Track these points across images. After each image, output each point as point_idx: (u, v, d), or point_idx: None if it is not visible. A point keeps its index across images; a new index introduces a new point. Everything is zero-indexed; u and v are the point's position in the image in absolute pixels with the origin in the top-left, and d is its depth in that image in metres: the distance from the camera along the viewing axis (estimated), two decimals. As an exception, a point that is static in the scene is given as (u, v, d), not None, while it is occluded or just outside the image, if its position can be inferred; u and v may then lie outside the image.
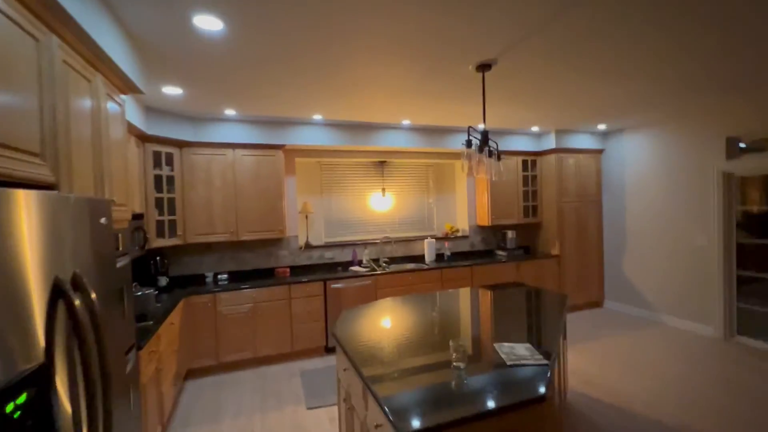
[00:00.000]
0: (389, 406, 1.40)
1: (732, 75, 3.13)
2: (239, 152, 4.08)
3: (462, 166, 2.49)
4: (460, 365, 1.76)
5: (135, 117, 3.02)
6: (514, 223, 5.44)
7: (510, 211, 5.36)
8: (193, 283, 4.07)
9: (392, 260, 5.06)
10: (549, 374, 1.62)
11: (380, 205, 5.22)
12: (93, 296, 1.10)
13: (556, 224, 5.29)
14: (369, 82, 3.02)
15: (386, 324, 2.43)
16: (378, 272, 4.40)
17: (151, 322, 2.59)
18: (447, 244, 5.25)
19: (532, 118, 4.49)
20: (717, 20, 2.14)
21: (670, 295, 4.76)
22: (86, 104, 1.68)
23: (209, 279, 4.14)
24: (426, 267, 4.67)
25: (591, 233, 5.53)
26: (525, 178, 5.49)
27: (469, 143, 2.46)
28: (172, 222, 3.79)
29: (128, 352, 1.92)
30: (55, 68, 1.41)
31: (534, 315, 2.57)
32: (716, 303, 4.26)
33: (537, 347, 1.94)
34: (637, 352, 3.97)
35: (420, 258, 5.16)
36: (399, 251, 5.14)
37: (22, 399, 0.81)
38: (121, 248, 2.05)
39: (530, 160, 5.51)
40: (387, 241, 5.06)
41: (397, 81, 3.01)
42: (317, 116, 4.05)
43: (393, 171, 5.30)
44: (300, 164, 4.81)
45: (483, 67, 2.63)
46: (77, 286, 1.08)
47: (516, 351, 1.90)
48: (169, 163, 3.78)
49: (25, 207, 0.95)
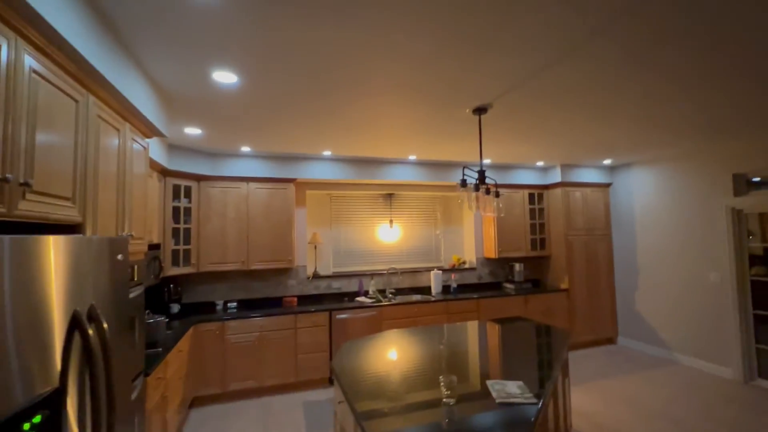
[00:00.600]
0: (374, 441, 1.45)
1: (734, 119, 3.19)
2: (253, 185, 4.31)
3: (458, 203, 2.60)
4: (450, 402, 1.80)
5: (158, 154, 3.28)
6: (522, 256, 5.44)
7: (517, 244, 5.38)
8: (204, 311, 4.21)
9: (399, 291, 5.10)
10: (536, 414, 1.64)
11: (388, 237, 5.33)
12: (105, 326, 1.23)
13: (565, 257, 5.27)
14: (375, 122, 3.22)
15: (385, 358, 2.48)
16: (384, 303, 4.44)
17: (160, 349, 2.71)
18: (454, 276, 5.28)
19: (536, 154, 4.60)
20: (721, 70, 2.25)
21: (685, 334, 4.61)
22: (114, 149, 1.90)
23: (219, 307, 4.27)
24: (432, 299, 4.69)
25: (601, 267, 5.47)
26: (532, 211, 5.53)
27: (464, 183, 2.58)
28: (187, 251, 3.99)
29: (136, 379, 2.03)
30: (90, 122, 1.63)
31: (534, 351, 2.57)
32: (733, 343, 4.11)
33: (532, 384, 1.96)
34: (650, 393, 3.83)
35: (426, 289, 5.18)
36: (405, 282, 5.19)
37: (38, 419, 0.93)
38: (136, 278, 2.21)
39: (537, 194, 5.57)
40: (393, 272, 5.13)
41: (402, 121, 3.20)
42: (327, 152, 4.28)
43: (401, 203, 5.45)
44: (310, 196, 5.01)
45: (479, 111, 2.79)
46: (92, 317, 1.21)
47: (507, 388, 1.92)
48: (187, 196, 4.02)
49: (54, 249, 1.11)
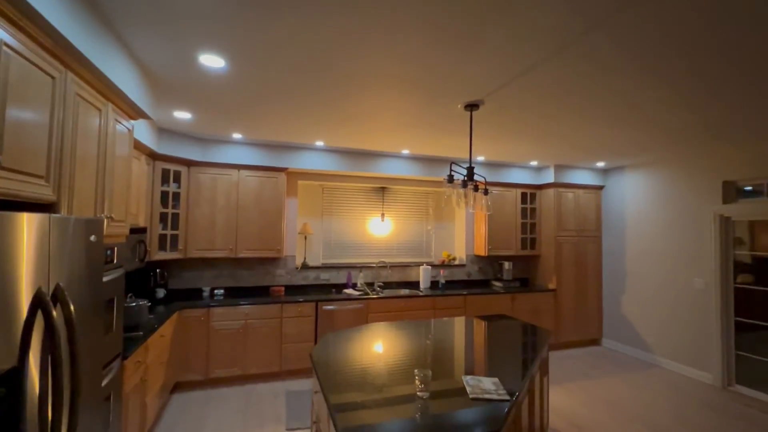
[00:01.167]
0: None
1: (727, 124, 3.19)
2: (244, 173, 4.28)
3: (445, 199, 2.59)
4: (423, 396, 1.80)
5: (147, 137, 3.24)
6: (512, 255, 5.46)
7: (508, 243, 5.39)
8: (191, 297, 4.19)
9: (387, 285, 5.10)
10: (507, 410, 1.65)
11: (379, 230, 5.32)
12: (71, 307, 1.22)
13: (554, 258, 5.29)
14: (369, 115, 3.19)
15: (366, 350, 2.49)
16: (371, 296, 4.45)
17: (141, 333, 2.70)
18: (443, 272, 5.29)
19: (529, 153, 4.59)
20: (714, 77, 2.24)
21: (670, 338, 4.66)
22: (94, 129, 1.87)
23: (206, 293, 4.26)
24: (420, 294, 4.70)
25: (590, 269, 5.50)
26: (524, 211, 5.54)
27: (451, 178, 2.57)
28: (174, 236, 3.96)
29: (112, 362, 2.02)
30: (68, 100, 1.60)
31: (511, 349, 2.59)
32: (714, 349, 4.16)
33: (509, 381, 1.97)
34: (630, 396, 3.87)
35: (415, 284, 5.19)
36: (394, 276, 5.19)
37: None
38: (116, 261, 2.19)
39: (529, 193, 5.58)
40: (383, 266, 5.13)
41: (395, 115, 3.18)
42: (319, 142, 4.24)
43: (393, 197, 5.43)
44: (302, 187, 4.98)
45: (471, 107, 2.77)
46: (58, 298, 1.20)
47: (482, 385, 1.93)
48: (177, 180, 3.98)
49: (27, 228, 1.09)
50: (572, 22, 1.73)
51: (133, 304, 2.77)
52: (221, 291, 4.29)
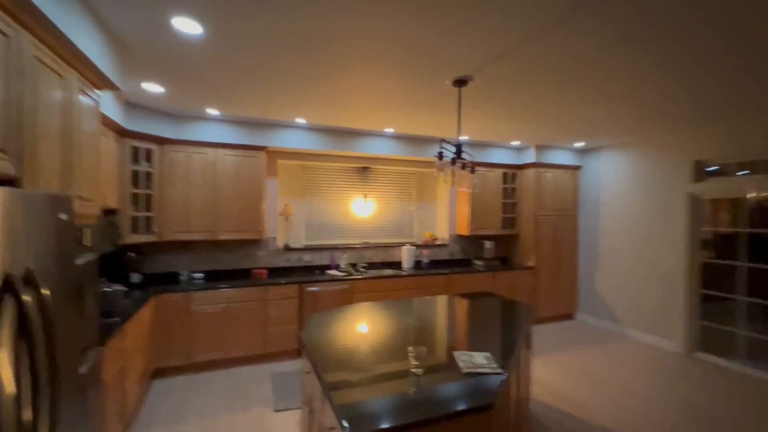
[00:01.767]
0: (342, 411, 1.44)
1: (700, 106, 3.29)
2: (221, 152, 4.09)
3: (434, 177, 2.55)
4: (418, 372, 1.81)
5: (114, 112, 3.01)
6: (493, 234, 5.55)
7: (489, 222, 5.47)
8: (168, 281, 4.03)
9: (371, 265, 5.09)
10: (500, 383, 1.68)
11: (362, 211, 5.26)
12: (45, 292, 1.11)
13: (533, 237, 5.42)
14: (352, 91, 3.07)
15: (354, 330, 2.47)
16: (355, 277, 4.43)
17: (118, 319, 2.57)
18: (425, 252, 5.32)
19: (512, 132, 4.61)
20: (690, 56, 2.26)
21: (639, 311, 4.92)
22: (57, 98, 1.69)
23: (184, 277, 4.11)
24: (403, 273, 4.72)
25: (566, 247, 5.68)
26: (505, 191, 5.61)
27: (440, 155, 2.53)
28: (149, 218, 3.76)
29: (89, 350, 1.91)
30: (25, 64, 1.43)
31: (498, 325, 2.64)
32: (681, 319, 4.42)
33: (498, 356, 2.01)
34: (603, 365, 4.08)
35: (398, 264, 5.21)
36: (378, 257, 5.18)
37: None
38: (89, 244, 2.04)
39: (511, 173, 5.64)
40: (366, 247, 5.10)
41: (380, 92, 3.08)
42: (301, 120, 4.09)
43: (376, 177, 5.36)
44: (282, 166, 4.83)
45: (459, 83, 2.71)
46: (29, 283, 1.09)
47: (474, 359, 1.96)
48: (148, 159, 3.75)
49: None
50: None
51: (108, 290, 2.62)
52: (200, 275, 4.15)
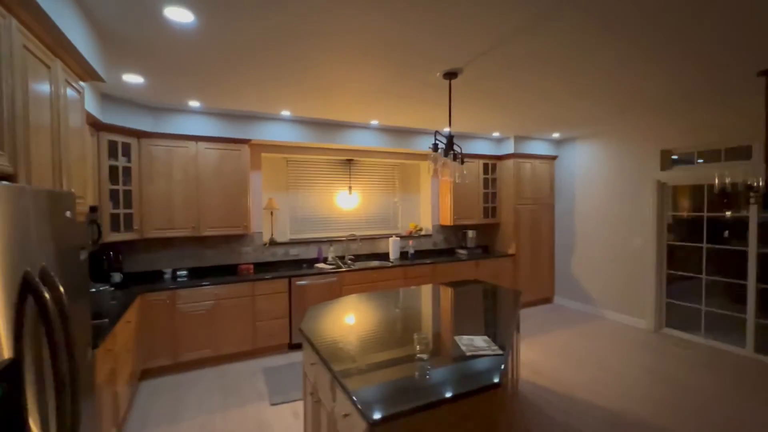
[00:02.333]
0: (357, 396, 1.48)
1: (666, 99, 3.51)
2: (202, 145, 3.96)
3: (428, 168, 2.61)
4: (424, 357, 1.87)
5: (90, 104, 2.86)
6: (475, 224, 5.70)
7: (471, 212, 5.61)
8: (150, 280, 3.90)
9: (357, 258, 5.12)
10: (504, 364, 1.77)
11: (347, 203, 5.26)
12: (61, 290, 1.08)
13: (513, 225, 5.62)
14: (338, 83, 3.06)
15: (353, 320, 2.51)
16: (343, 269, 4.45)
17: (107, 320, 2.49)
18: (411, 243, 5.40)
19: (494, 124, 4.73)
20: (656, 52, 2.41)
21: (612, 292, 5.23)
22: (45, 91, 1.61)
23: (168, 275, 3.99)
24: (390, 264, 4.78)
25: (544, 234, 5.92)
26: (485, 181, 5.76)
27: (436, 147, 2.59)
28: (128, 216, 3.61)
29: (85, 352, 1.85)
30: (14, 53, 1.35)
31: (491, 310, 2.76)
32: (649, 298, 4.74)
33: (493, 339, 2.10)
34: (581, 344, 4.33)
35: (385, 256, 5.26)
36: (364, 249, 5.22)
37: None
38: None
39: (491, 164, 5.79)
40: (352, 239, 5.12)
41: (366, 84, 3.08)
42: (285, 112, 4.03)
43: (360, 170, 5.36)
44: (266, 160, 4.74)
45: (450, 75, 2.77)
46: (45, 281, 1.06)
47: (474, 343, 2.05)
48: (126, 154, 3.59)
49: None
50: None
51: (95, 290, 2.52)
52: (184, 272, 4.04)
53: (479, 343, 2.04)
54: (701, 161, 4.38)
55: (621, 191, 5.08)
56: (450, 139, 2.71)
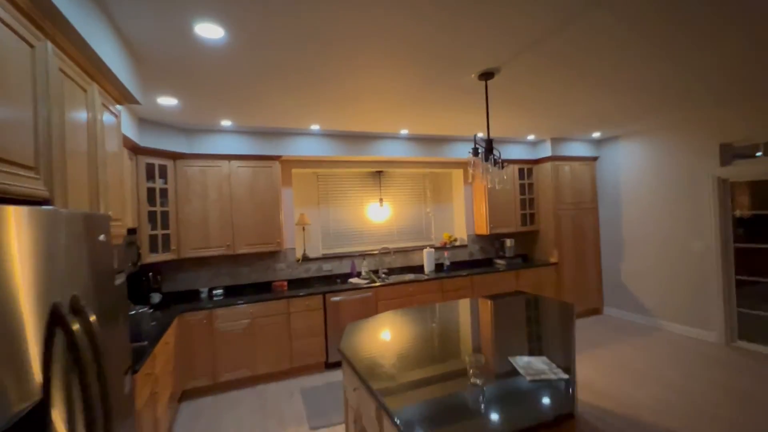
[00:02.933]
0: (408, 429, 1.32)
1: (724, 88, 3.18)
2: (235, 164, 3.99)
3: (470, 174, 2.45)
4: (478, 382, 1.68)
5: (128, 128, 2.92)
6: (512, 232, 5.42)
7: (508, 220, 5.35)
8: (188, 300, 3.92)
9: (391, 271, 4.97)
10: (572, 390, 1.56)
11: (378, 216, 5.15)
12: (92, 319, 1.01)
13: (553, 232, 5.29)
14: (369, 93, 2.98)
15: (395, 338, 2.35)
16: (378, 284, 4.31)
17: (146, 343, 2.46)
18: (446, 254, 5.20)
19: (529, 126, 4.51)
20: (712, 38, 2.16)
21: (670, 301, 4.77)
22: (82, 114, 1.60)
23: (204, 294, 4.00)
24: (426, 277, 4.60)
25: (588, 240, 5.54)
26: (522, 186, 5.49)
27: (476, 151, 2.43)
28: (166, 236, 3.66)
29: (124, 377, 1.80)
30: (51, 76, 1.33)
31: (543, 326, 2.51)
32: (716, 308, 4.27)
33: (554, 359, 1.88)
34: (640, 360, 3.93)
35: (419, 268, 5.08)
36: (398, 262, 5.06)
37: (18, 444, 0.71)
38: (116, 265, 1.94)
39: (526, 169, 5.53)
40: (385, 252, 4.98)
41: (397, 91, 2.98)
42: (315, 126, 4.00)
43: (390, 181, 5.26)
44: (296, 175, 4.73)
45: (486, 76, 2.62)
46: (76, 310, 0.98)
47: (533, 365, 1.84)
48: (163, 176, 3.67)
49: (16, 224, 0.86)
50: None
51: (134, 312, 2.51)
52: (220, 291, 4.03)
53: (539, 366, 1.82)
54: (759, 154, 3.95)
55: (675, 191, 4.67)
56: (489, 144, 2.54)
